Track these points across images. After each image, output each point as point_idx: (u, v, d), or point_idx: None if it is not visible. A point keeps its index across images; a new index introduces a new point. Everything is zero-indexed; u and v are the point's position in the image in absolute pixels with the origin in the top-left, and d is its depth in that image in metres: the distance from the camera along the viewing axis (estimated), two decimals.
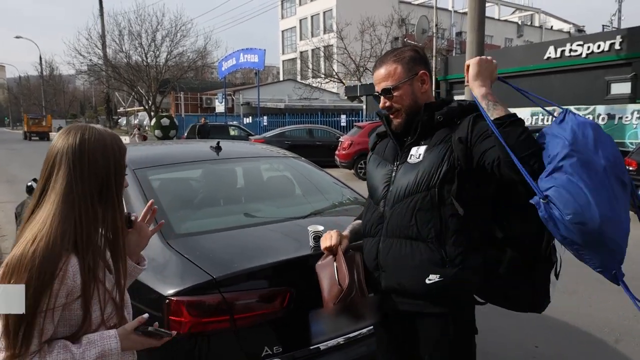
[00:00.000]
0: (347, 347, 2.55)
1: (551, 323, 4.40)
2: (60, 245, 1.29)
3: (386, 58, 2.03)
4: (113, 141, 1.46)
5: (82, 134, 1.42)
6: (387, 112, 2.04)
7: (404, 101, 1.98)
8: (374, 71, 2.08)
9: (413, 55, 2.01)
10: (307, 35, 45.25)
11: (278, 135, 18.91)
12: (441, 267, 1.86)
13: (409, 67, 1.98)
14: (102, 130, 1.47)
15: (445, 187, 1.85)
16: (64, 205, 1.33)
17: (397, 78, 1.97)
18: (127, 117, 53.60)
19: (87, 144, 1.40)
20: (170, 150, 4.30)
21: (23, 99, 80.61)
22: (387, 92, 1.99)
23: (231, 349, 2.22)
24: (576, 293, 5.16)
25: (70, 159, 1.37)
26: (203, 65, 40.10)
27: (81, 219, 1.34)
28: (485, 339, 3.98)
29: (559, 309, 4.65)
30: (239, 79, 63.22)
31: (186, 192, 3.48)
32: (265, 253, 2.58)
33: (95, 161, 1.40)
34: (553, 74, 18.45)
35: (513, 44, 51.00)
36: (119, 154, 1.47)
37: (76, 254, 1.33)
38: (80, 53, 34.26)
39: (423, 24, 23.06)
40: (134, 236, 1.65)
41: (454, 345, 1.94)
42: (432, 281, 1.86)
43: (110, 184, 1.43)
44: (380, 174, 2.07)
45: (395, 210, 1.94)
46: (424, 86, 2.02)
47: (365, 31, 29.61)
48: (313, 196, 3.69)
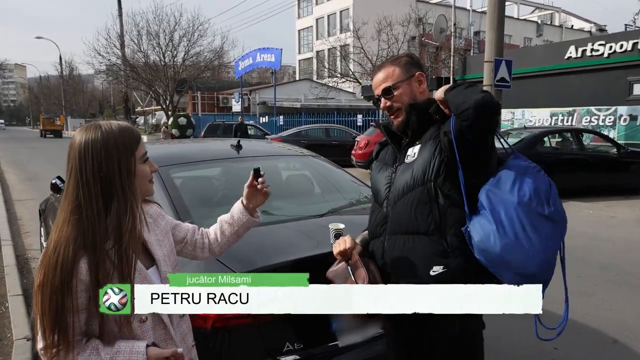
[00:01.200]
0: (365, 344, 2.57)
1: (570, 325, 4.33)
2: (73, 248, 1.39)
3: (383, 64, 2.17)
4: (119, 138, 1.48)
5: (88, 134, 1.47)
6: (387, 112, 2.14)
7: (403, 99, 2.09)
8: (372, 78, 2.20)
9: (408, 60, 2.15)
10: (323, 34, 45.25)
11: (295, 134, 18.96)
12: (444, 258, 1.92)
13: (406, 68, 2.11)
14: (108, 129, 1.49)
15: (439, 180, 1.94)
16: (73, 213, 1.43)
17: (395, 78, 2.10)
18: (144, 117, 54.12)
19: (92, 147, 1.44)
20: (191, 148, 4.34)
21: (43, 98, 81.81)
22: (387, 91, 2.09)
23: (253, 344, 2.25)
24: (595, 295, 5.11)
25: (76, 165, 1.44)
26: (220, 65, 40.27)
27: (87, 223, 1.42)
28: (503, 340, 3.97)
29: (578, 312, 4.61)
30: (255, 78, 63.41)
31: (207, 190, 3.52)
32: (285, 250, 2.62)
33: (100, 163, 1.44)
34: (573, 74, 18.22)
35: (532, 44, 50.48)
36: (125, 150, 1.49)
37: (86, 253, 1.42)
38: (100, 53, 34.63)
39: (441, 23, 22.95)
40: (256, 192, 1.87)
41: (461, 339, 1.97)
42: (436, 272, 1.91)
43: (115, 184, 1.46)
44: (382, 177, 2.18)
45: (397, 208, 2.03)
46: (422, 86, 2.13)
47: (382, 30, 29.46)
48: (331, 194, 3.71)
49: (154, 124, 46.66)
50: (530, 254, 1.79)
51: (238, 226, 1.91)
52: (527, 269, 1.78)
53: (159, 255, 1.62)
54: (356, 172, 13.01)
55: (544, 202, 1.85)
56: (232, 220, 1.91)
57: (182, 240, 1.84)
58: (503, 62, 12.71)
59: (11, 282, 5.23)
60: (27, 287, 5.26)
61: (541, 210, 1.83)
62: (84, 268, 1.41)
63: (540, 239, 1.80)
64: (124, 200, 1.47)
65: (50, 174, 5.04)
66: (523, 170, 1.89)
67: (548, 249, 1.84)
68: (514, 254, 1.78)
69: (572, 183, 11.11)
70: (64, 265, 1.38)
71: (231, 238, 1.93)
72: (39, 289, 1.41)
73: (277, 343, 2.31)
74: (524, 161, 1.94)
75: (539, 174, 1.92)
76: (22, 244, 7.26)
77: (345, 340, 2.53)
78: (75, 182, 1.44)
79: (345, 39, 36.73)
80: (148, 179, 1.59)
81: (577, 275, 5.67)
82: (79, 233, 1.41)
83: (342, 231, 2.51)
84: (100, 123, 1.52)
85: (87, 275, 1.41)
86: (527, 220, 1.80)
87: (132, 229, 1.49)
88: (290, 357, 2.34)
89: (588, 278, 5.63)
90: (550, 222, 1.84)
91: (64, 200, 1.47)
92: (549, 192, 1.88)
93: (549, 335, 2.04)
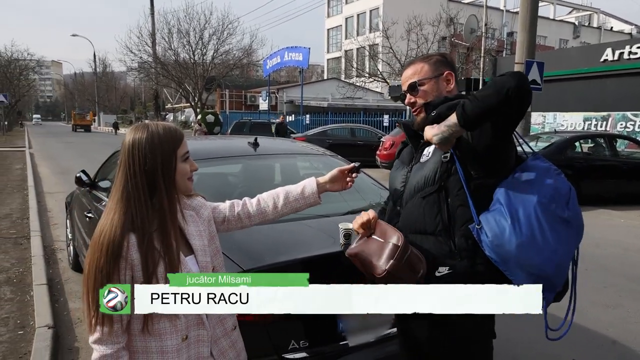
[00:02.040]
0: (376, 344, 2.55)
1: (592, 337, 4.25)
2: (121, 232, 1.52)
3: (414, 60, 2.16)
4: (163, 137, 1.61)
5: (137, 134, 1.60)
6: (411, 108, 2.12)
7: (428, 97, 2.05)
8: (402, 74, 2.18)
9: (440, 58, 2.11)
10: (352, 33, 45.20)
11: (320, 133, 18.95)
12: (450, 259, 1.89)
13: (436, 66, 2.07)
14: (154, 129, 1.62)
15: (450, 180, 1.91)
16: (122, 202, 1.56)
17: (423, 74, 2.07)
18: (174, 114, 54.88)
19: (138, 144, 1.58)
20: (209, 145, 4.38)
21: (78, 94, 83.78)
22: (413, 87, 2.07)
23: (259, 340, 2.26)
24: (621, 307, 4.96)
25: (125, 160, 1.59)
26: (248, 63, 40.62)
27: (135, 211, 1.55)
28: (521, 351, 3.90)
29: (602, 323, 4.48)
30: (284, 77, 63.70)
31: (223, 186, 3.54)
32: (296, 248, 2.62)
33: (144, 158, 1.56)
34: (609, 77, 17.81)
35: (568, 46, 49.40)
36: (167, 148, 1.60)
37: (135, 233, 1.54)
38: (132, 50, 35.33)
39: (472, 23, 22.56)
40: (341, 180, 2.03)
41: (469, 347, 1.94)
42: (441, 273, 1.89)
43: (158, 178, 1.58)
44: (398, 176, 2.18)
45: (408, 207, 2.03)
46: (449, 85, 2.08)
47: (411, 30, 29.26)
48: (350, 195, 3.69)
49: (182, 121, 47.24)
50: (546, 255, 1.76)
51: (303, 203, 1.99)
52: (541, 269, 1.76)
53: (197, 246, 1.70)
54: (380, 173, 12.97)
55: (563, 205, 1.82)
56: (302, 197, 1.98)
57: (224, 220, 1.92)
58: (535, 63, 12.45)
59: (37, 271, 5.36)
60: (52, 277, 5.40)
61: (560, 213, 1.80)
62: (133, 249, 1.52)
63: (557, 241, 1.78)
64: (165, 192, 1.59)
65: (82, 167, 5.15)
66: (544, 171, 1.87)
67: (564, 253, 1.81)
68: (529, 253, 1.75)
69: (604, 190, 10.82)
70: (110, 246, 1.50)
71: (290, 211, 1.99)
72: (87, 270, 1.53)
73: (283, 341, 2.32)
74: (544, 162, 1.91)
75: (559, 177, 1.89)
76: (50, 236, 7.44)
77: (355, 339, 2.52)
78: (124, 175, 1.58)
79: (374, 39, 36.61)
80: (187, 177, 1.68)
81: (603, 286, 5.52)
82: (126, 219, 1.54)
83: (351, 231, 2.50)
84: (148, 123, 1.65)
85: (137, 254, 1.52)
86: (546, 221, 1.77)
87: (174, 219, 1.62)
88: (296, 354, 2.35)
89: (614, 289, 5.47)
90: (568, 226, 1.82)
91: (114, 191, 1.60)
92: (568, 195, 1.85)
93: (555, 335, 2.04)
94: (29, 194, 10.62)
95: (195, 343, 1.64)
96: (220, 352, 1.75)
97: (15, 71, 52.27)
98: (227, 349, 1.78)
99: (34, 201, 9.74)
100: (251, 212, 1.95)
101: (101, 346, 1.52)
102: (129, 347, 1.58)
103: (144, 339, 1.56)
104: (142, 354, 1.58)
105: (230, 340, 1.80)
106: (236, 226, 1.96)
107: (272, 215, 1.97)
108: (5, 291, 4.85)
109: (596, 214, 10.00)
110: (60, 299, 4.89)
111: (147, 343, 1.57)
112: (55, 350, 3.67)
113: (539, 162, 1.90)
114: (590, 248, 7.15)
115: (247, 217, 1.95)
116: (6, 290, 4.89)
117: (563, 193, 1.84)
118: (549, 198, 1.80)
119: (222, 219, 1.91)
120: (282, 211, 1.98)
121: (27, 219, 8.19)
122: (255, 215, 1.96)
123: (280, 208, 1.97)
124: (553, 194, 1.82)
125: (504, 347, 3.82)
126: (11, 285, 5.02)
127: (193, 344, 1.64)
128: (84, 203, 4.81)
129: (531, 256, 1.75)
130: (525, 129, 13.03)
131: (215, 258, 1.78)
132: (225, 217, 1.92)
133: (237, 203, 1.96)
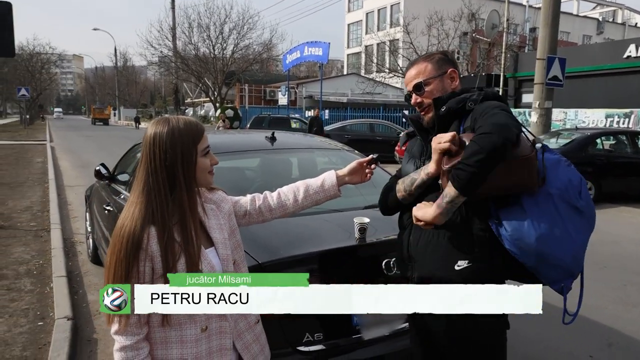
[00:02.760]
0: (390, 338, 2.55)
1: (609, 334, 4.18)
2: (142, 225, 1.55)
3: (416, 60, 2.15)
4: (184, 132, 1.61)
5: (157, 128, 1.61)
6: (418, 108, 2.13)
7: (434, 96, 2.05)
8: (405, 75, 2.18)
9: (442, 57, 2.12)
10: (372, 29, 44.89)
11: (339, 128, 18.93)
12: (469, 253, 1.90)
13: (439, 65, 2.08)
14: (175, 123, 1.62)
15: None
16: (143, 196, 1.58)
17: (427, 74, 2.07)
18: (194, 108, 55.25)
19: (159, 139, 1.59)
20: (226, 139, 4.39)
21: (98, 88, 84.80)
22: (419, 87, 2.07)
23: (273, 333, 2.25)
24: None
25: (146, 153, 1.60)
26: (268, 58, 40.72)
27: (156, 205, 1.57)
28: (538, 347, 3.87)
29: (620, 321, 4.42)
30: (304, 72, 63.71)
31: (239, 181, 3.54)
32: (312, 242, 2.62)
33: (165, 152, 1.58)
34: (632, 73, 17.45)
35: (592, 42, 48.55)
36: (188, 143, 1.61)
37: (155, 226, 1.56)
38: (152, 45, 35.62)
39: (493, 19, 22.27)
40: (360, 172, 2.05)
41: (483, 337, 1.93)
42: (461, 267, 1.90)
43: (178, 172, 1.59)
44: (410, 169, 2.16)
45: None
46: (454, 83, 2.09)
47: (432, 25, 28.97)
48: (367, 189, 3.67)
49: (202, 116, 47.53)
50: (565, 246, 1.80)
51: (323, 195, 2.00)
52: (562, 259, 1.81)
53: (217, 239, 1.71)
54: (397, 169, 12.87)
55: (576, 195, 1.85)
56: (321, 189, 1.99)
57: (245, 214, 1.93)
58: (556, 59, 12.29)
59: (57, 264, 5.44)
60: (71, 269, 5.48)
61: (575, 203, 1.83)
62: (153, 241, 1.54)
63: (575, 231, 1.82)
64: (185, 186, 1.60)
65: (102, 161, 5.21)
66: (555, 163, 1.88)
67: (581, 242, 1.85)
68: (549, 244, 1.78)
69: (625, 188, 10.73)
70: (130, 238, 1.52)
71: (311, 204, 2.00)
72: (107, 262, 1.56)
73: (297, 333, 2.32)
74: (554, 154, 1.91)
75: (570, 167, 1.91)
76: (70, 228, 7.55)
77: (369, 333, 2.53)
78: (145, 169, 1.60)
79: (395, 34, 36.34)
80: (208, 171, 1.69)
81: (622, 284, 5.45)
82: (147, 212, 1.56)
83: (366, 225, 2.50)
84: (169, 118, 1.66)
85: (157, 246, 1.54)
86: (563, 212, 1.81)
87: (194, 212, 1.63)
88: (310, 347, 2.36)
89: (634, 287, 5.38)
90: (582, 215, 1.85)
91: (135, 184, 1.62)
92: (580, 185, 1.88)
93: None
94: (50, 187, 10.80)
95: (218, 334, 1.65)
96: (244, 345, 1.75)
97: (37, 65, 53.09)
98: (251, 342, 1.78)
99: (54, 194, 9.89)
100: (272, 205, 1.96)
101: (121, 337, 1.55)
102: (149, 339, 1.59)
103: (163, 330, 1.58)
104: (160, 344, 1.59)
105: (254, 334, 1.80)
106: (257, 219, 1.97)
107: (293, 208, 1.98)
108: (26, 283, 4.93)
109: (617, 211, 9.86)
110: (79, 291, 4.96)
111: (166, 333, 1.58)
112: (74, 342, 3.72)
113: (549, 154, 1.90)
114: (610, 245, 7.06)
115: (269, 210, 1.96)
116: (26, 282, 4.97)
117: (575, 183, 1.87)
118: (563, 189, 1.83)
119: (243, 212, 1.92)
120: (303, 204, 1.98)
121: (47, 211, 8.33)
122: (277, 209, 1.96)
123: (300, 201, 1.97)
124: (567, 184, 1.84)
125: (515, 343, 3.78)
126: (31, 277, 5.11)
127: (215, 335, 1.64)
128: (103, 196, 4.86)
129: (552, 248, 1.78)
130: (546, 126, 12.85)
131: (236, 252, 1.79)
132: (247, 210, 1.93)
133: (258, 197, 1.97)
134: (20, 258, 5.71)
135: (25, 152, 19.95)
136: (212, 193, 1.82)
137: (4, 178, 12.11)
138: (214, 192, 1.83)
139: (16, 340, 3.71)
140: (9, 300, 4.47)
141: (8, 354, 3.52)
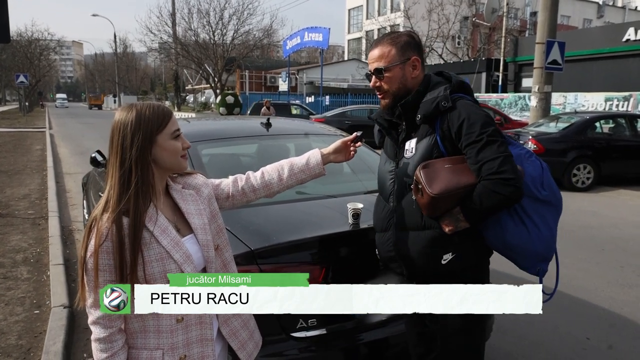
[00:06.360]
0: (386, 323, 2.55)
1: (606, 316, 4.20)
2: (101, 214, 1.52)
3: (382, 40, 2.10)
4: (144, 117, 1.55)
5: (120, 115, 1.57)
6: (377, 91, 2.12)
7: (393, 83, 2.07)
8: (369, 51, 2.15)
9: (408, 40, 2.07)
10: (373, 14, 44.56)
11: (339, 114, 18.84)
12: (452, 245, 1.99)
13: (403, 51, 2.05)
14: (138, 108, 1.57)
15: None
16: (105, 182, 1.57)
17: (389, 60, 2.04)
18: (194, 95, 55.06)
19: (120, 124, 1.55)
20: (221, 125, 4.35)
21: (98, 75, 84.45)
22: (379, 72, 2.06)
23: (266, 319, 2.23)
24: (637, 286, 4.89)
25: (110, 139, 1.56)
26: (268, 44, 40.43)
27: (112, 192, 1.54)
28: (536, 329, 3.87)
29: (617, 302, 4.45)
30: (304, 57, 63.34)
31: (235, 167, 3.51)
32: (305, 228, 2.60)
33: (123, 138, 1.53)
34: (631, 57, 17.34)
35: (592, 25, 48.16)
36: (146, 128, 1.55)
37: (113, 214, 1.50)
38: (152, 31, 35.40)
39: (493, 3, 22.10)
40: (345, 150, 2.04)
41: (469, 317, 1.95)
42: (447, 260, 1.99)
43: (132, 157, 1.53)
44: (386, 170, 2.20)
45: (403, 204, 2.08)
46: (415, 72, 2.07)
47: (433, 10, 28.79)
48: (365, 174, 3.65)
49: (202, 102, 47.36)
50: (534, 237, 1.92)
51: (308, 174, 1.96)
52: (533, 250, 1.94)
53: (196, 225, 1.65)
54: None
55: (539, 188, 1.95)
56: (306, 167, 1.96)
57: (228, 196, 1.88)
58: (556, 43, 12.19)
59: (54, 252, 5.43)
60: (69, 257, 5.47)
61: (537, 195, 1.94)
62: (104, 233, 1.48)
63: (544, 224, 1.94)
64: (140, 172, 1.54)
65: (100, 148, 5.18)
66: (515, 158, 1.93)
67: (549, 230, 1.96)
68: (517, 240, 1.92)
69: (624, 171, 10.79)
70: (92, 228, 1.51)
71: (295, 182, 1.97)
72: (79, 255, 1.55)
73: (291, 319, 2.31)
74: (515, 148, 2.00)
75: (530, 160, 2.00)
76: (68, 216, 7.54)
77: (365, 318, 2.52)
78: (109, 156, 1.58)
79: (395, 19, 36.12)
80: (180, 155, 1.63)
81: (620, 266, 5.46)
82: (107, 200, 1.53)
83: (360, 211, 2.48)
84: (135, 103, 1.61)
85: (109, 240, 1.48)
86: (527, 206, 1.92)
87: (145, 200, 1.55)
88: (305, 333, 2.35)
89: (632, 269, 5.39)
90: (548, 204, 1.96)
91: (108, 167, 1.59)
92: (541, 176, 1.97)
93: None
94: (48, 175, 10.77)
95: (197, 325, 1.61)
96: (231, 332, 1.73)
97: (35, 51, 52.53)
98: (238, 329, 1.76)
99: (52, 182, 9.86)
100: (255, 185, 1.91)
101: (96, 328, 1.53)
102: (128, 329, 1.57)
103: (141, 318, 1.55)
104: (140, 333, 1.57)
105: (241, 320, 1.78)
106: (241, 201, 1.92)
107: (277, 187, 1.94)
108: (23, 271, 4.93)
109: (616, 194, 9.88)
110: (76, 279, 4.94)
111: (145, 323, 1.56)
112: (70, 330, 3.72)
113: (512, 148, 1.97)
114: (608, 228, 7.09)
115: (252, 190, 1.91)
116: (23, 270, 4.96)
117: (536, 176, 1.95)
118: (525, 186, 1.91)
119: (225, 195, 1.88)
120: (287, 183, 1.94)
121: (45, 199, 8.31)
122: (260, 189, 1.92)
123: (285, 180, 1.93)
124: (527, 180, 1.93)
125: (511, 325, 3.78)
126: (28, 265, 5.10)
127: (194, 326, 1.60)
128: (99, 183, 4.84)
129: (526, 244, 1.92)
130: (546, 110, 12.79)
131: (218, 237, 1.74)
132: (230, 193, 1.88)
133: (241, 177, 1.92)
134: (17, 246, 5.71)
135: (24, 139, 19.91)
136: (191, 177, 1.77)
137: (2, 166, 12.09)
138: (194, 176, 1.79)
139: (12, 329, 3.71)
140: (5, 288, 4.46)
141: (3, 342, 3.51)
